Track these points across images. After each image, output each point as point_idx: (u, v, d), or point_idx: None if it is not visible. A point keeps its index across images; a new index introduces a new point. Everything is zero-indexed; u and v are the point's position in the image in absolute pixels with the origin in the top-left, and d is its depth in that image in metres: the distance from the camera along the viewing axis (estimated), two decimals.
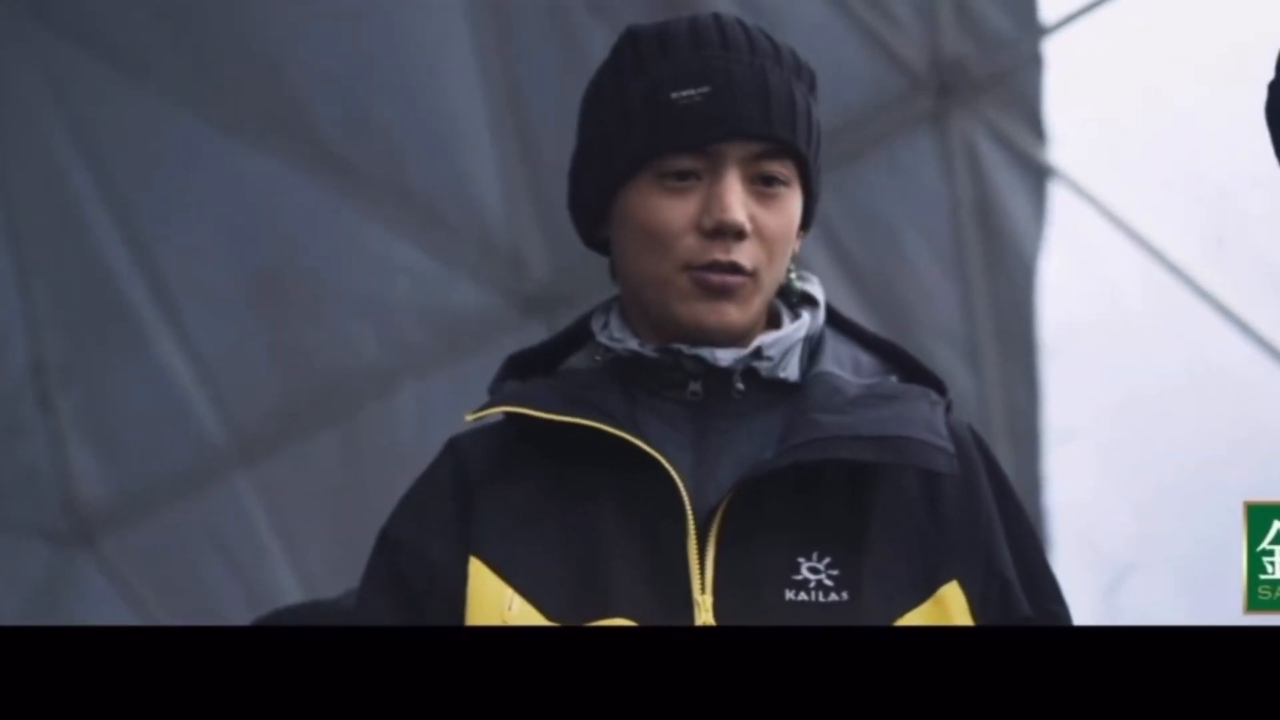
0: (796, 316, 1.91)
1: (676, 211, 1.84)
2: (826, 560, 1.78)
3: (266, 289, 5.13)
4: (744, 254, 1.83)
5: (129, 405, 5.55)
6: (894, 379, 1.91)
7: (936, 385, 1.90)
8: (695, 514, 1.78)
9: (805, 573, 1.78)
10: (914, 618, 1.78)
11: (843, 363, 1.90)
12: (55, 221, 5.40)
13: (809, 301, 1.93)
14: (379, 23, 4.90)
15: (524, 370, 1.94)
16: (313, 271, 5.09)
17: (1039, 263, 4.67)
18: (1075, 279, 4.72)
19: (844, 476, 1.82)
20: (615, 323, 1.91)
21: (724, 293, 1.83)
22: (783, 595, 1.76)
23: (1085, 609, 4.60)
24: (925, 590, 1.79)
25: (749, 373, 1.86)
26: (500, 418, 1.89)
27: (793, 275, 1.90)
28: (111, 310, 5.40)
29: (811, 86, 1.91)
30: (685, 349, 1.84)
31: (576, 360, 1.93)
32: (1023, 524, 1.88)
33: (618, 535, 1.79)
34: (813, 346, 1.91)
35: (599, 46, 4.85)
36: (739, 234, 1.82)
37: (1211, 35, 4.44)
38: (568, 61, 4.73)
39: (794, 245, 1.89)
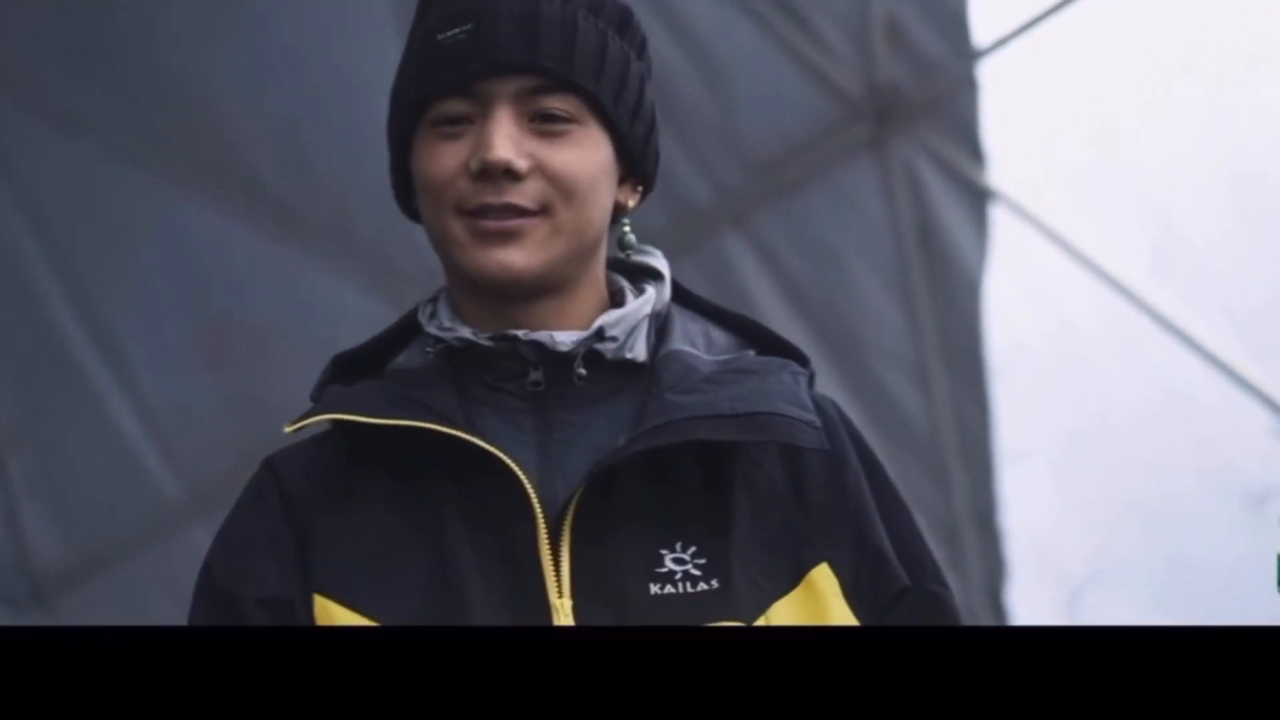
0: (641, 292, 1.78)
1: (447, 157, 1.71)
2: (692, 549, 1.68)
3: (215, 341, 5.12)
4: (522, 194, 1.69)
5: (81, 464, 5.52)
6: (751, 353, 1.79)
7: (798, 357, 1.79)
8: (545, 513, 1.67)
9: (670, 564, 1.67)
10: (784, 605, 1.68)
11: (694, 340, 1.78)
12: None
13: (652, 276, 1.81)
14: (322, 66, 4.90)
15: (349, 373, 1.80)
16: (261, 321, 5.07)
17: (984, 284, 4.69)
18: (1020, 299, 4.74)
19: (702, 459, 1.71)
20: (444, 311, 1.78)
21: (503, 236, 1.70)
22: (647, 589, 1.66)
23: (1047, 622, 4.63)
24: (793, 576, 1.70)
25: (592, 356, 1.73)
26: (325, 428, 1.76)
27: (627, 231, 1.79)
28: (59, 369, 5.37)
29: (621, 25, 1.76)
30: (522, 334, 1.72)
31: (405, 358, 1.79)
32: (896, 500, 1.79)
33: (467, 548, 1.66)
34: (660, 324, 1.78)
35: None
36: (510, 173, 1.69)
37: (1148, 54, 4.47)
38: None
39: (621, 197, 1.77)
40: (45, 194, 5.26)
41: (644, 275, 1.81)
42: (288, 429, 1.75)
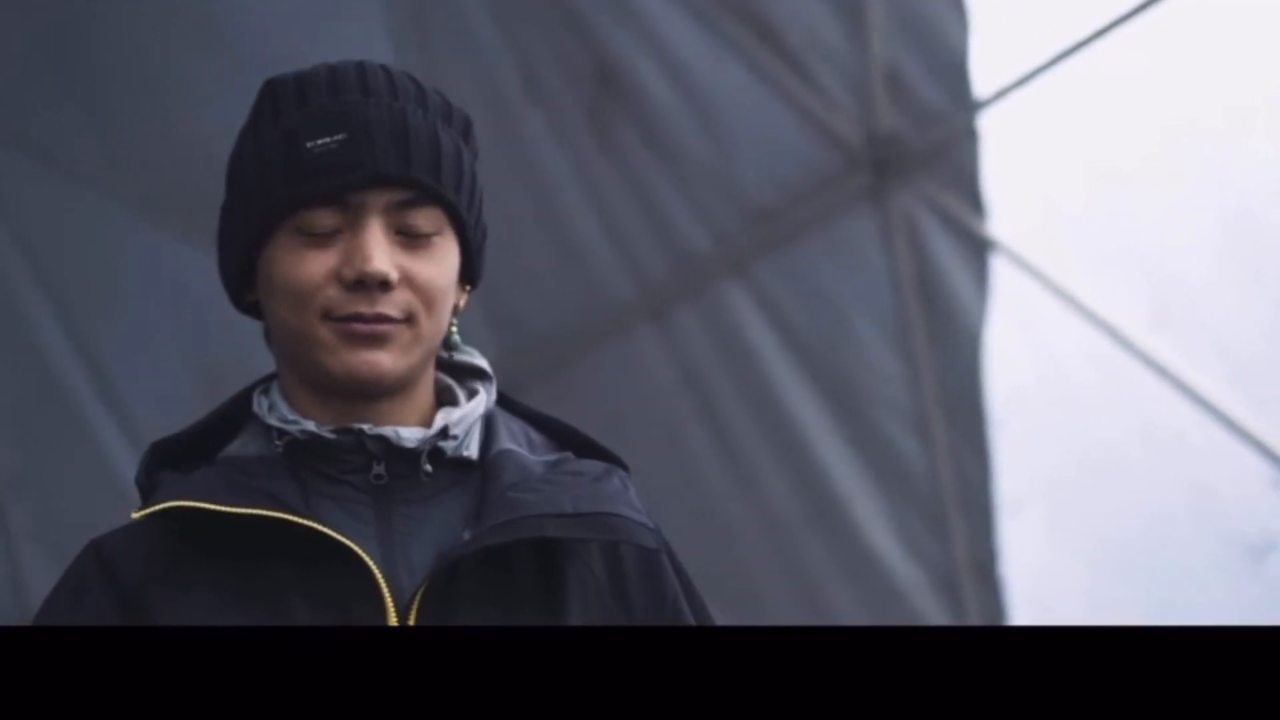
0: (472, 393, 1.82)
1: (316, 264, 1.74)
2: None
3: (213, 380, 5.11)
4: (392, 304, 1.74)
5: (80, 505, 5.51)
6: (570, 455, 1.83)
7: (617, 462, 1.83)
8: (394, 599, 1.69)
9: None
10: None
11: (517, 439, 1.83)
12: None
13: (479, 375, 1.85)
14: None
15: (178, 460, 1.81)
16: (259, 359, 5.07)
17: (984, 334, 4.69)
18: (1020, 349, 4.74)
19: (537, 556, 1.75)
20: (281, 404, 1.80)
21: (374, 340, 1.74)
22: None
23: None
24: None
25: (435, 453, 1.77)
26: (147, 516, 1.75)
27: (454, 331, 1.81)
28: (57, 411, 5.38)
29: (466, 133, 1.81)
30: (368, 429, 1.75)
31: (239, 446, 1.81)
32: (704, 610, 1.83)
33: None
34: (486, 423, 1.82)
35: (537, 130, 4.90)
36: (384, 285, 1.73)
37: (1149, 105, 4.48)
38: (506, 149, 4.76)
39: (456, 298, 1.80)
40: (40, 234, 5.27)
41: (469, 374, 1.85)
42: (136, 515, 1.75)
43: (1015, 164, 4.71)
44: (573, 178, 4.82)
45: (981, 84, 4.60)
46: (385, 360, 1.74)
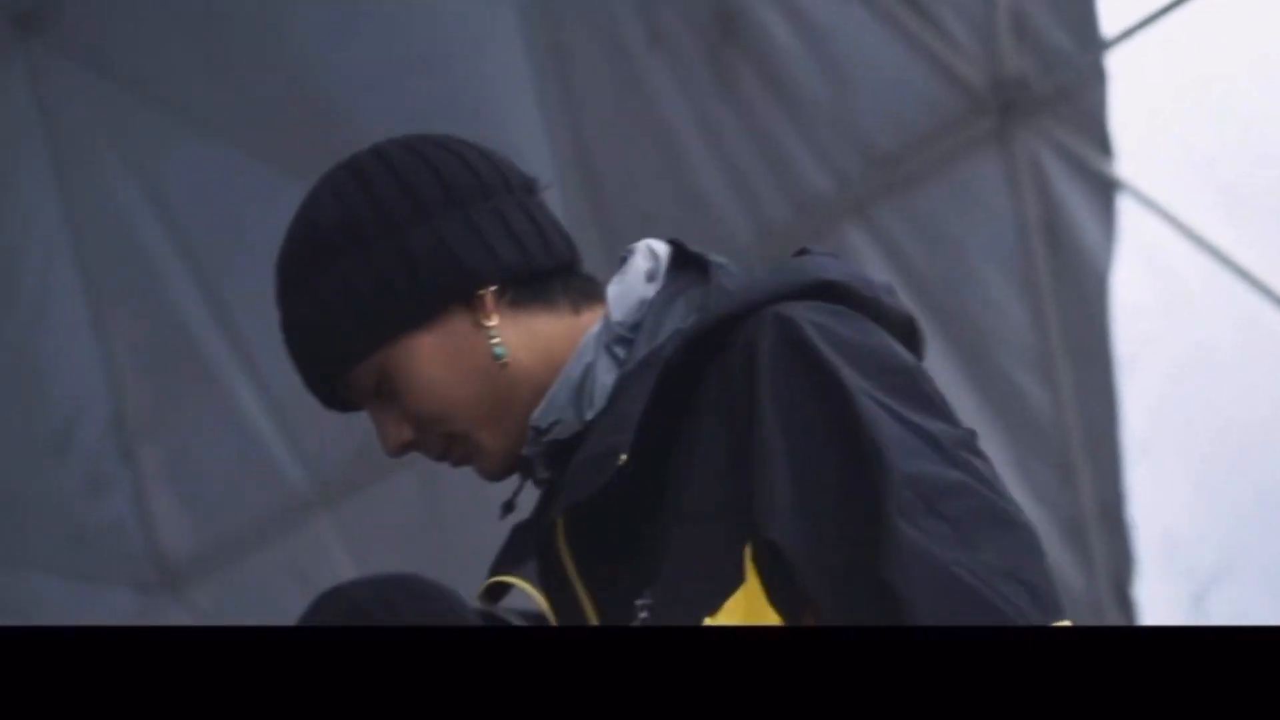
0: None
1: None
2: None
3: None
4: (430, 448, 1.80)
5: (209, 453, 5.59)
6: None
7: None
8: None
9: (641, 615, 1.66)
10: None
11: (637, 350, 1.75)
12: (130, 275, 5.45)
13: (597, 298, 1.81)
14: (440, 70, 4.93)
15: None
16: None
17: (1110, 276, 4.65)
18: (1147, 291, 4.69)
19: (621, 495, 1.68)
20: None
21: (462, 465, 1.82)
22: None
23: (1174, 618, 4.57)
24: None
25: (544, 452, 1.78)
26: None
27: (494, 343, 1.76)
28: (189, 360, 5.45)
29: (336, 240, 1.79)
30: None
31: None
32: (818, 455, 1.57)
33: None
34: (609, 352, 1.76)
35: (660, 79, 4.88)
36: (407, 449, 1.80)
37: (1278, 42, 4.42)
38: (630, 100, 4.75)
39: (473, 319, 1.76)
40: (174, 188, 5.33)
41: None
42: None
43: (1143, 104, 4.65)
44: (695, 125, 4.81)
45: (1108, 23, 4.55)
46: (481, 469, 1.80)
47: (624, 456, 1.62)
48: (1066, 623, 1.49)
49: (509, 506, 1.84)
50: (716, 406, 1.63)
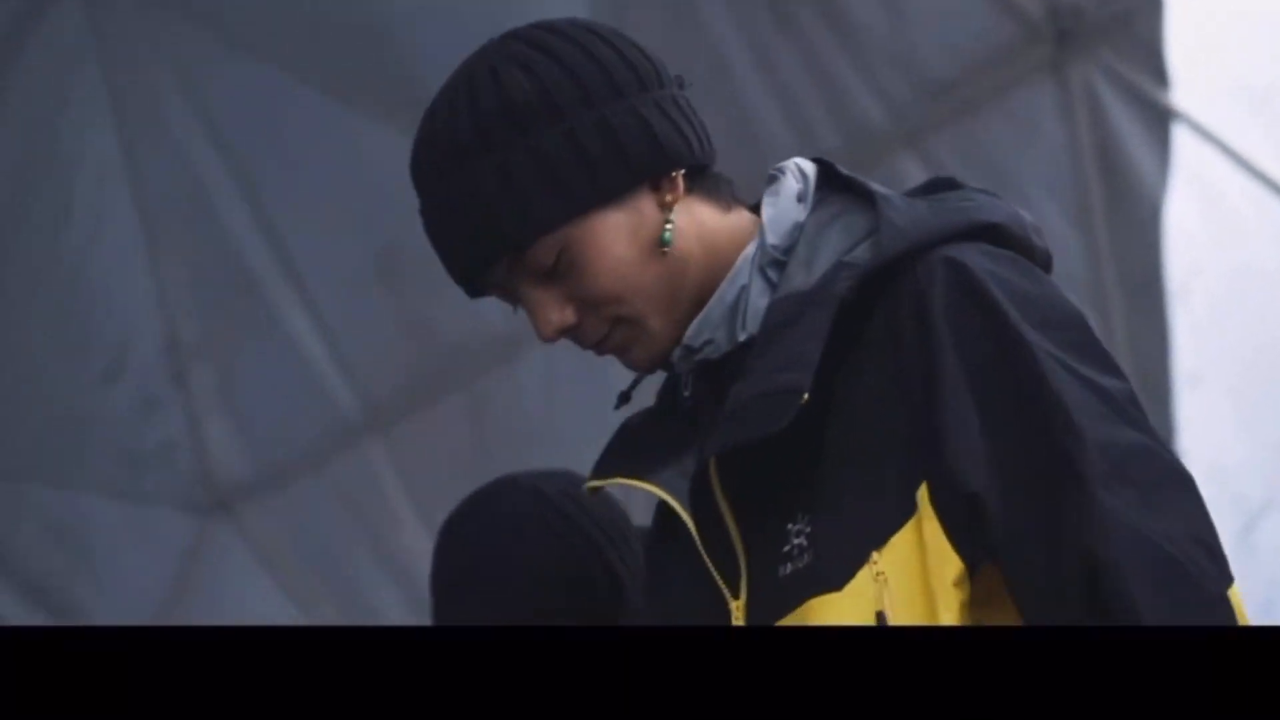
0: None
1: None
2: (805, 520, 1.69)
3: (390, 263, 5.17)
4: (587, 333, 1.78)
5: (261, 378, 5.62)
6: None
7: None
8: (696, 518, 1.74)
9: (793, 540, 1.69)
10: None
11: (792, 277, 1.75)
12: (184, 202, 5.46)
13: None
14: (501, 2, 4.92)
15: None
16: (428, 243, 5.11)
17: (1165, 207, 4.63)
18: (1202, 222, 4.67)
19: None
20: None
21: (612, 356, 1.80)
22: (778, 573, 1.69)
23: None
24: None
25: (698, 369, 1.79)
26: None
27: (667, 230, 1.76)
28: (241, 287, 5.47)
29: (495, 130, 1.74)
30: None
31: None
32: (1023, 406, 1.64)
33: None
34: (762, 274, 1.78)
35: (715, 11, 4.85)
36: (563, 333, 1.77)
37: None
38: (685, 34, 4.73)
39: (658, 201, 1.76)
40: (226, 113, 5.33)
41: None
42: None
43: (1199, 33, 4.62)
44: (748, 53, 4.79)
45: None
46: (636, 359, 1.80)
47: (806, 395, 1.64)
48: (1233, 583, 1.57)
49: (625, 397, 1.85)
50: (885, 345, 1.67)
